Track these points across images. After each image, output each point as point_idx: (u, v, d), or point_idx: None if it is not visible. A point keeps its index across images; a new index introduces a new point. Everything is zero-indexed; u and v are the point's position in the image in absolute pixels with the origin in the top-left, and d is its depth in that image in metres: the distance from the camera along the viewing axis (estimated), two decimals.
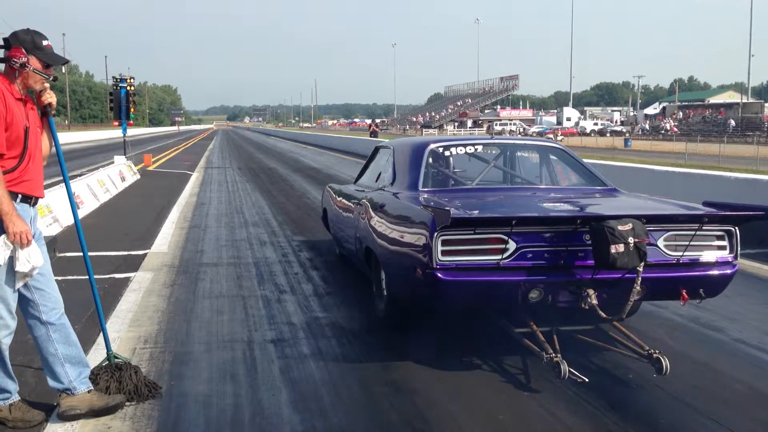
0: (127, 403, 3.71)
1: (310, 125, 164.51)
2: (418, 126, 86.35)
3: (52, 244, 7.22)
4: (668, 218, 4.32)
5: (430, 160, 5.50)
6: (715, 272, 4.22)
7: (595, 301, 3.99)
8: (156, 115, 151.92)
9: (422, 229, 4.12)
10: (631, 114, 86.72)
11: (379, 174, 6.11)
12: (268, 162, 28.68)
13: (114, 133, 57.89)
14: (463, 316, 5.25)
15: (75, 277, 6.39)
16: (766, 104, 65.17)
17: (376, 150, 6.90)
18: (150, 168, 22.96)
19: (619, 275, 3.97)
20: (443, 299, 4.16)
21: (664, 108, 75.42)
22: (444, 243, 3.96)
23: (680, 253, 4.18)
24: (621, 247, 3.79)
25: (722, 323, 5.33)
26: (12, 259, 3.27)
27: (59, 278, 4.40)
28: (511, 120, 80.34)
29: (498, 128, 64.68)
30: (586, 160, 6.37)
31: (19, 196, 3.37)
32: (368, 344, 4.85)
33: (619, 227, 3.81)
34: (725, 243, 4.26)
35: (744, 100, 64.16)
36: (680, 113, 66.61)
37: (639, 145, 43.69)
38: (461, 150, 5.68)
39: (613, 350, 4.39)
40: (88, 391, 3.60)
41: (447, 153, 5.72)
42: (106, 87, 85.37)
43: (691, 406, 3.80)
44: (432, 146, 5.60)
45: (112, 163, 18.77)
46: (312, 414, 3.67)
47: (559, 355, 3.92)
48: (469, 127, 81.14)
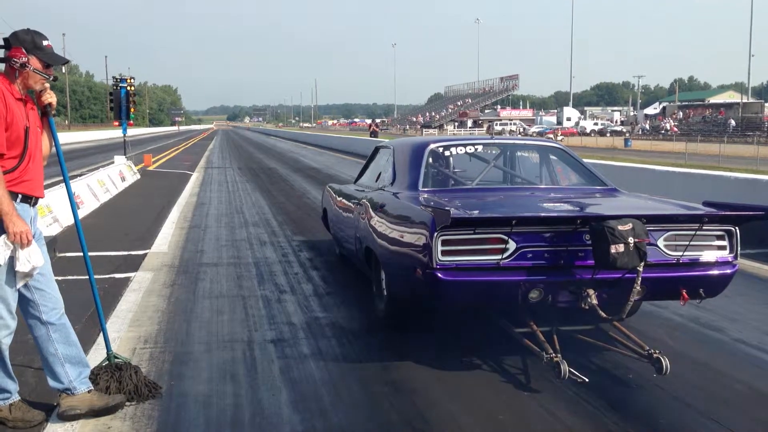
0: (127, 403, 3.71)
1: (310, 125, 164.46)
2: (418, 126, 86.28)
3: (52, 244, 7.22)
4: (668, 218, 4.32)
5: (430, 160, 5.51)
6: (715, 272, 4.22)
7: (595, 301, 3.99)
8: (156, 115, 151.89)
9: (422, 229, 4.11)
10: (631, 114, 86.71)
11: (379, 174, 6.11)
12: (268, 162, 28.68)
13: (114, 133, 57.90)
14: (463, 316, 5.25)
15: (75, 277, 6.39)
16: (766, 104, 65.17)
17: (376, 150, 6.90)
18: (150, 168, 22.96)
19: (619, 275, 3.97)
20: (443, 299, 4.16)
21: (664, 108, 75.38)
22: (444, 243, 3.96)
23: (680, 253, 4.18)
24: (621, 247, 3.79)
25: (722, 323, 5.33)
26: (12, 259, 3.28)
27: (59, 278, 4.39)
28: (511, 120, 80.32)
29: (498, 128, 64.61)
30: (586, 160, 6.37)
31: (20, 196, 3.38)
32: (368, 344, 4.85)
33: (619, 227, 3.81)
34: (725, 243, 4.26)
35: (744, 100, 64.15)
36: (680, 113, 66.59)
37: (639, 145, 43.70)
38: (461, 150, 5.68)
39: (613, 350, 4.38)
40: (88, 391, 3.60)
41: (447, 153, 5.72)
42: (106, 87, 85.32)
43: (691, 406, 3.80)
44: (432, 146, 5.60)
45: (112, 163, 18.78)
46: (312, 414, 3.67)
47: (559, 355, 3.92)
48: (469, 127, 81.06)
